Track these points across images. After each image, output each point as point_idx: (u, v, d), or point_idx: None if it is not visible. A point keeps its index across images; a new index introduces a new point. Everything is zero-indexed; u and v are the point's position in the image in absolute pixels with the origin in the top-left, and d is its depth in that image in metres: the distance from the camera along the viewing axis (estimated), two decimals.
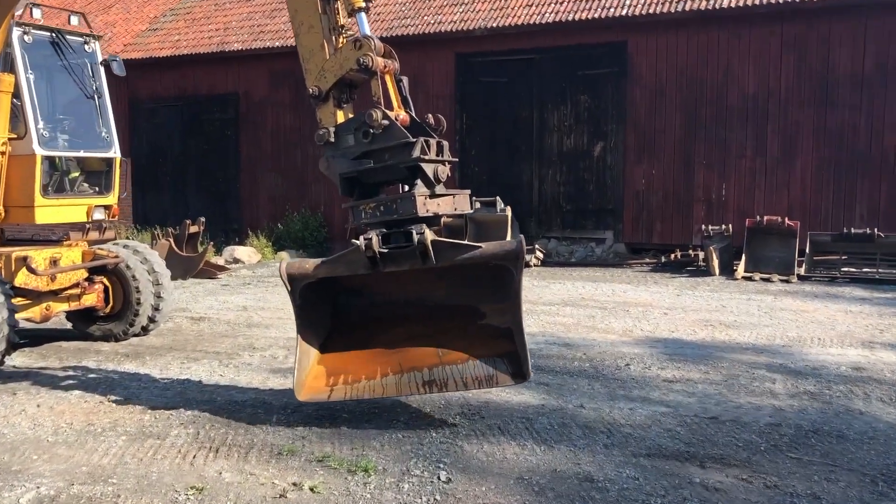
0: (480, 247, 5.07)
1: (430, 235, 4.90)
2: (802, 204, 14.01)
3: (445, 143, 5.22)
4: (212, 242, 15.12)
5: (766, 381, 6.38)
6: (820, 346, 7.66)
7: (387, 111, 5.10)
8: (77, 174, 8.12)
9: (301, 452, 4.70)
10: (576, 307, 10.04)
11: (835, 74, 13.71)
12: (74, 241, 7.98)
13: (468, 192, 5.40)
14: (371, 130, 5.05)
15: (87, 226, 8.64)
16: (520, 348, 5.09)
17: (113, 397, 5.97)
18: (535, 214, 16.08)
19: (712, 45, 14.52)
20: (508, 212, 14.32)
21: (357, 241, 4.93)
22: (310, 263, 5.09)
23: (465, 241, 5.29)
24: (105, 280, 8.01)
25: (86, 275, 7.83)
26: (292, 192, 18.27)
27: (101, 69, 8.33)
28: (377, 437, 4.95)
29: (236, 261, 16.23)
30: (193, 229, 14.26)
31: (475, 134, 16.35)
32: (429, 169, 5.00)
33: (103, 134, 8.24)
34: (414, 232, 4.88)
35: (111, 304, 8.06)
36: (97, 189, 8.26)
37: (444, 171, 5.07)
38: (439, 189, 5.08)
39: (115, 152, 8.29)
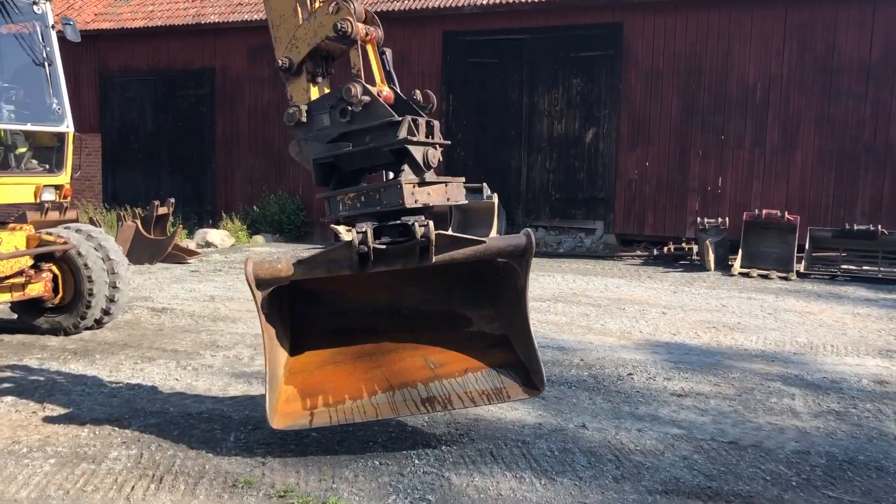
0: (484, 241, 4.40)
1: (433, 228, 4.19)
2: (802, 197, 13.43)
3: (436, 123, 4.49)
4: (181, 225, 14.32)
5: (784, 396, 5.76)
6: (835, 355, 7.06)
7: (368, 86, 4.38)
8: (24, 150, 7.33)
9: (260, 484, 4.00)
10: (568, 304, 9.39)
11: (839, 62, 13.11)
12: (18, 225, 7.18)
13: (462, 179, 4.68)
14: (349, 108, 4.32)
15: (46, 205, 7.87)
16: (529, 356, 4.54)
17: (50, 406, 5.23)
18: (523, 202, 15.41)
19: (712, 28, 13.86)
20: (495, 199, 13.67)
21: (342, 235, 4.25)
22: (283, 263, 4.18)
23: (465, 235, 4.57)
24: (54, 268, 7.25)
25: (31, 262, 7.06)
26: (269, 173, 17.47)
27: (53, 34, 7.51)
28: (350, 465, 4.26)
29: (208, 244, 15.44)
30: (162, 211, 13.46)
31: (462, 116, 15.62)
32: (417, 153, 4.28)
33: (54, 106, 7.45)
34: (416, 224, 4.13)
35: (60, 294, 7.29)
36: (47, 167, 7.47)
37: (435, 156, 4.36)
38: (429, 176, 4.36)
39: (67, 126, 7.50)
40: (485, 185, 13.69)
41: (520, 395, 4.56)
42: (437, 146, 4.40)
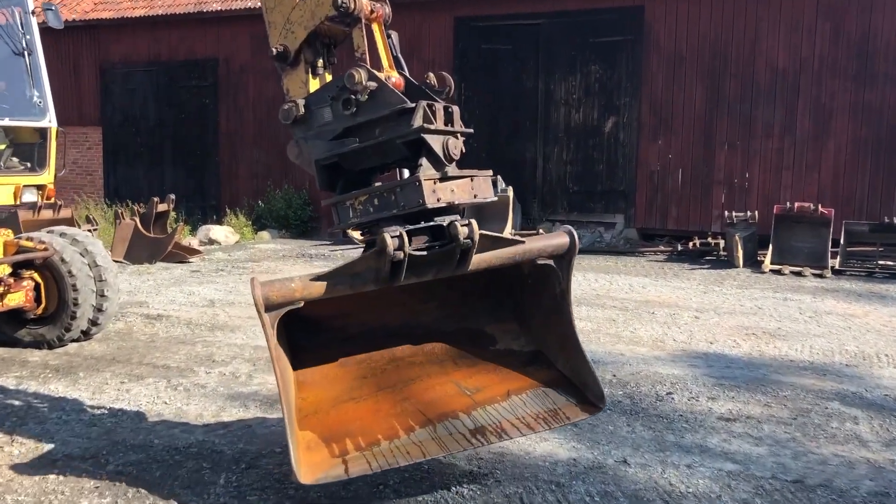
0: (523, 241, 3.79)
1: (477, 228, 3.54)
2: (835, 189, 12.72)
3: (455, 109, 3.81)
4: (181, 223, 13.73)
5: (846, 419, 5.11)
6: (892, 367, 6.40)
7: (374, 71, 3.74)
8: (3, 147, 6.74)
9: None
10: (592, 307, 8.75)
11: (875, 45, 12.37)
12: None
13: (489, 172, 4.03)
14: (354, 97, 3.68)
15: (39, 203, 7.30)
16: (580, 370, 4.05)
17: (19, 440, 4.63)
18: (539, 195, 14.75)
19: (739, 10, 13.12)
20: (510, 192, 13.00)
21: (356, 240, 3.59)
22: (297, 282, 3.37)
23: (503, 234, 3.93)
24: (35, 276, 6.65)
25: (9, 270, 6.47)
26: (275, 167, 16.84)
27: (34, 21, 6.90)
28: None
29: (212, 242, 14.87)
30: (162, 208, 12.88)
31: (475, 106, 14.93)
32: (436, 143, 3.62)
33: (35, 99, 6.84)
34: (458, 224, 3.45)
35: (43, 304, 6.70)
36: (28, 165, 6.88)
37: (457, 146, 3.69)
38: (452, 170, 3.71)
39: (49, 121, 6.91)
40: (499, 177, 13.02)
41: (579, 416, 4.01)
42: (459, 135, 3.76)
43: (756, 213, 12.21)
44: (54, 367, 6.26)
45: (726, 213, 12.51)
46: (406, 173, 3.93)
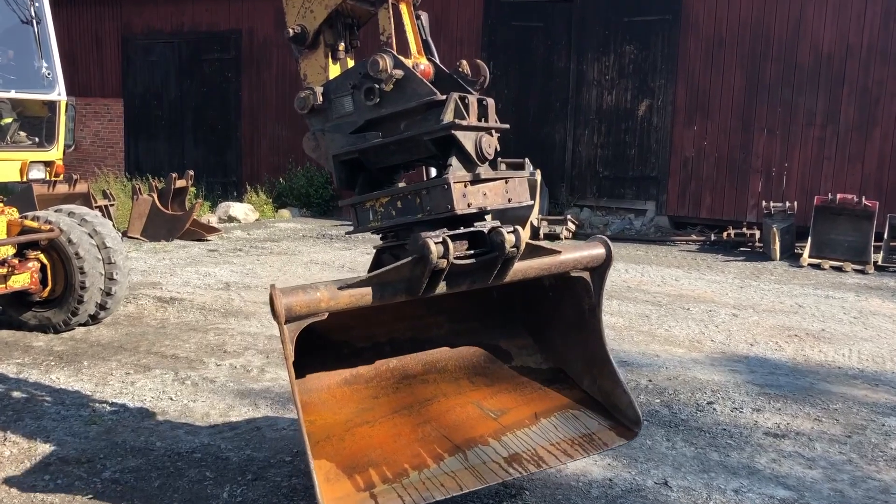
0: (559, 251, 3.44)
1: (524, 235, 3.19)
2: (878, 180, 12.13)
3: (490, 102, 3.40)
4: (200, 200, 13.41)
5: None
6: None
7: (401, 58, 3.34)
8: (10, 120, 6.41)
9: None
10: (623, 301, 8.33)
11: None
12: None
13: (526, 173, 3.63)
14: (378, 87, 3.29)
15: (55, 179, 7.00)
16: (612, 391, 3.74)
17: (12, 439, 4.32)
18: (568, 180, 14.29)
19: None
20: (538, 176, 12.53)
21: (380, 246, 3.19)
22: (323, 291, 2.95)
23: (540, 242, 3.55)
24: (41, 257, 6.35)
25: (13, 250, 6.16)
26: (297, 143, 16.32)
27: None
28: None
29: (231, 219, 14.58)
30: (181, 183, 12.59)
31: (503, 85, 14.45)
32: (468, 141, 3.22)
33: (44, 70, 6.49)
34: (504, 231, 3.12)
35: (49, 287, 6.40)
36: (36, 140, 6.55)
37: (491, 144, 3.29)
38: (484, 171, 3.32)
39: (59, 94, 6.56)
40: (527, 160, 12.55)
41: (616, 441, 3.67)
42: (493, 131, 3.35)
43: (794, 203, 11.68)
44: (58, 353, 5.96)
45: (763, 202, 11.99)
46: (433, 172, 3.55)
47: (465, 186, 3.16)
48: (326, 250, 11.48)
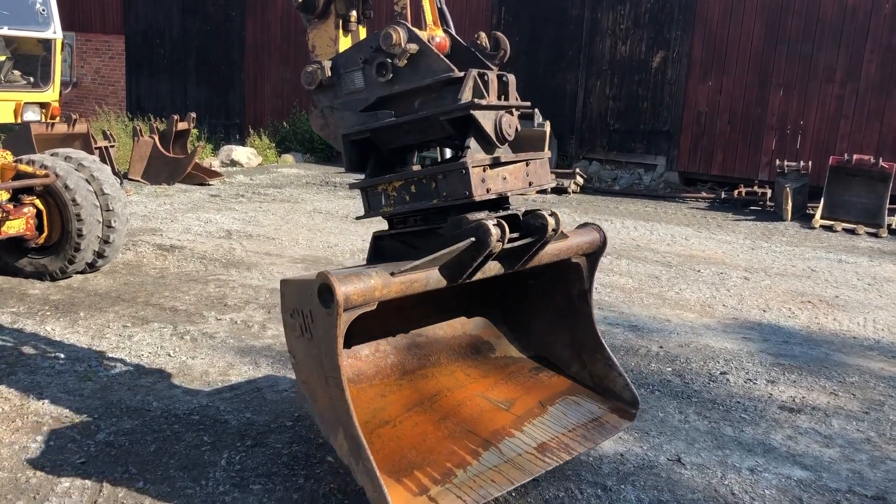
0: (567, 236, 3.28)
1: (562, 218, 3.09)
2: None
3: (511, 78, 3.17)
4: (201, 143, 13.16)
5: None
6: None
7: (415, 30, 3.09)
8: (3, 59, 6.16)
9: None
10: (632, 260, 8.15)
11: None
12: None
13: (547, 154, 3.42)
14: (391, 62, 3.05)
15: (53, 120, 6.77)
16: (606, 376, 3.66)
17: (5, 394, 4.17)
18: (577, 132, 14.00)
19: None
20: (547, 127, 12.25)
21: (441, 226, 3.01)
22: (376, 278, 2.69)
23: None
24: (37, 202, 6.15)
25: (8, 195, 5.97)
26: (301, 86, 16.06)
27: None
28: None
29: (234, 163, 14.34)
30: (182, 126, 12.33)
31: (514, 33, 14.05)
32: (487, 121, 2.99)
33: (38, 6, 6.21)
34: (545, 214, 3.01)
35: (45, 233, 6.22)
36: (31, 80, 6.30)
37: (511, 123, 3.05)
38: (504, 153, 3.09)
39: (54, 32, 6.28)
40: (536, 111, 12.27)
41: (622, 423, 3.60)
42: (514, 110, 3.12)
43: (809, 163, 11.42)
44: (54, 303, 5.81)
45: (776, 161, 11.73)
46: (447, 152, 3.33)
47: (484, 171, 2.95)
48: (330, 199, 11.27)
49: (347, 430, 2.71)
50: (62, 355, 4.79)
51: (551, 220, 2.99)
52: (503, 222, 2.85)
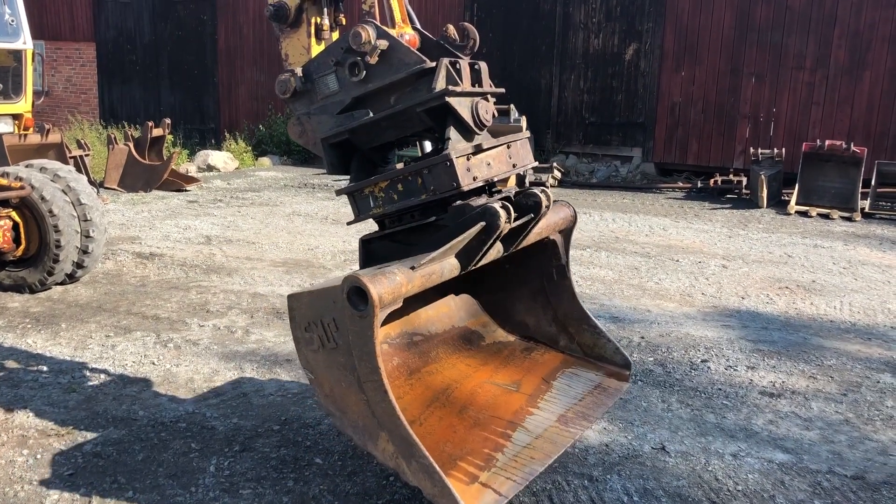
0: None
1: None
2: (867, 126, 12.01)
3: (483, 66, 3.21)
4: (177, 149, 13.09)
5: None
6: None
7: (385, 28, 3.11)
8: None
9: None
10: (612, 252, 8.22)
11: None
12: None
13: (527, 134, 3.46)
14: (362, 60, 3.05)
15: (25, 131, 6.72)
16: (595, 344, 3.80)
17: None
18: (553, 126, 14.06)
19: None
20: (523, 122, 12.31)
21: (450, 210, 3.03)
22: (401, 274, 2.68)
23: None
24: (13, 214, 6.11)
25: None
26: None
27: None
28: None
29: (210, 168, 14.27)
30: (157, 132, 12.24)
31: (487, 29, 14.11)
32: (463, 108, 3.03)
33: (7, 17, 6.16)
34: (536, 191, 3.10)
35: (23, 245, 6.18)
36: (2, 92, 6.25)
37: (488, 109, 3.10)
38: (484, 139, 3.13)
39: (24, 42, 6.24)
40: (512, 106, 12.33)
41: (622, 385, 3.76)
42: (489, 96, 3.16)
43: (782, 150, 11.56)
44: (35, 315, 5.78)
45: (751, 149, 11.87)
46: (427, 145, 3.36)
47: (468, 159, 2.98)
48: (309, 200, 11.26)
49: (395, 432, 2.69)
50: (45, 368, 4.77)
51: (543, 197, 3.06)
52: (507, 203, 2.92)
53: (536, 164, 3.65)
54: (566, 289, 3.76)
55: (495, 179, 3.14)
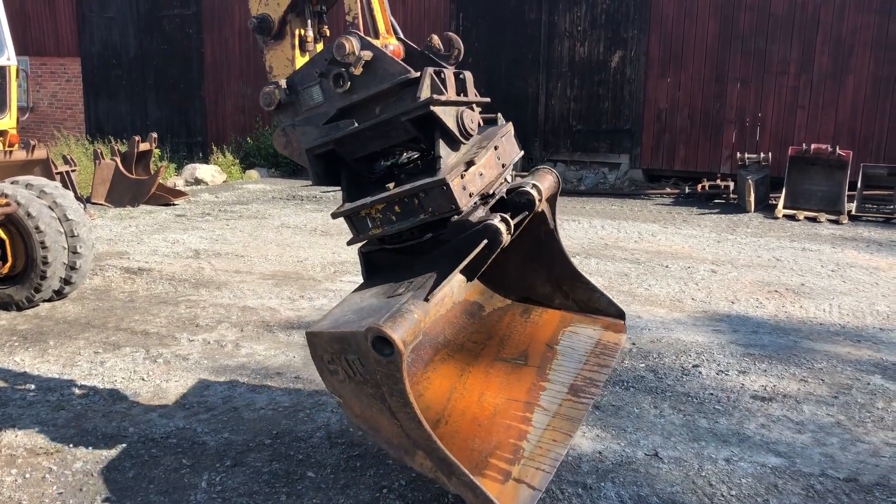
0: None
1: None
2: (851, 130, 12.09)
3: (468, 75, 3.24)
4: (164, 163, 13.05)
5: (892, 398, 4.66)
6: None
7: (368, 38, 3.12)
8: None
9: None
10: (601, 259, 8.24)
11: None
12: None
13: (509, 127, 3.50)
14: (346, 71, 3.05)
15: (10, 148, 6.68)
16: (590, 298, 3.95)
17: None
18: (541, 135, 14.09)
19: None
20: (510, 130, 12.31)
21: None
22: (418, 311, 2.68)
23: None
24: (0, 232, 6.07)
25: None
26: None
27: None
28: None
29: (198, 181, 14.23)
30: (144, 147, 12.19)
31: (473, 38, 14.14)
32: (448, 117, 3.04)
33: None
34: (527, 189, 3.26)
35: (9, 262, 6.14)
36: None
37: (473, 118, 3.12)
38: (469, 150, 3.13)
39: (8, 58, 6.21)
40: (499, 115, 12.30)
41: (620, 338, 3.90)
42: (474, 105, 3.17)
43: (769, 154, 11.63)
44: (22, 332, 5.74)
45: (737, 154, 11.93)
46: (413, 155, 3.37)
47: (462, 178, 2.98)
48: (298, 212, 11.24)
49: (432, 453, 2.70)
50: (33, 386, 4.73)
51: (535, 193, 3.15)
52: (507, 217, 2.98)
53: (522, 153, 3.67)
54: (557, 251, 3.86)
55: (492, 191, 3.15)
